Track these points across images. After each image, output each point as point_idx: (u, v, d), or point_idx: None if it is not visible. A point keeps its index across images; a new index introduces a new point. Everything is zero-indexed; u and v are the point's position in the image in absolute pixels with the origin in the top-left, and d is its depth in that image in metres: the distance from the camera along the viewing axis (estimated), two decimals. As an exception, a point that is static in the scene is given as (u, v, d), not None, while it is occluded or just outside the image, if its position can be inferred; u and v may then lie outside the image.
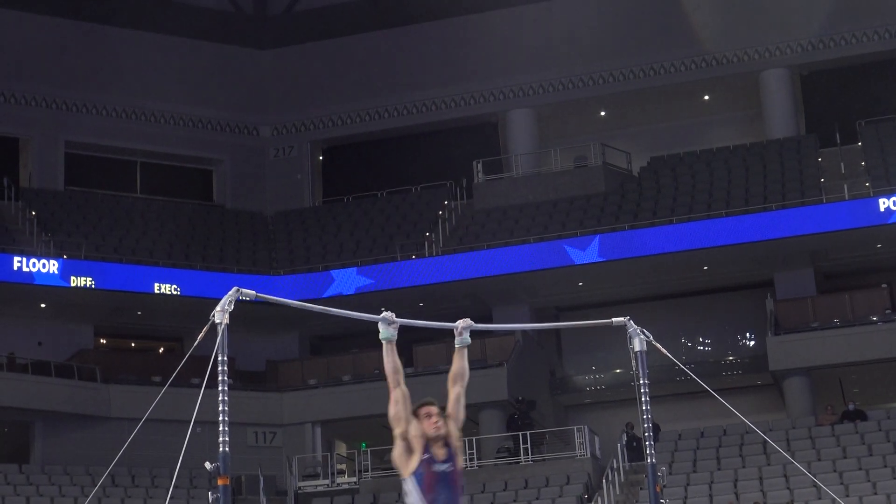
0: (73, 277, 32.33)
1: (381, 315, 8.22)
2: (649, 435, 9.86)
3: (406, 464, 7.81)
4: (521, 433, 30.20)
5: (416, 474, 7.74)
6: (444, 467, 7.78)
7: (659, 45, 37.32)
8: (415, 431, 7.81)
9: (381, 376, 32.25)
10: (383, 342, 8.12)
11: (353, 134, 39.94)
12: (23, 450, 31.70)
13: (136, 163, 39.50)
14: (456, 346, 8.45)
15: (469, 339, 8.56)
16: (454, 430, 8.01)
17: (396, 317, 8.35)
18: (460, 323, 8.55)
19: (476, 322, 9.05)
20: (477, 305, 33.06)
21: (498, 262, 32.80)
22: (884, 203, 30.75)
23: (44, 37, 37.57)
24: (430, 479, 7.72)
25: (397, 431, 7.88)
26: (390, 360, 8.04)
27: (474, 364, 32.12)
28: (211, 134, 39.66)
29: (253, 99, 40.04)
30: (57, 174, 37.64)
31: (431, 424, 7.82)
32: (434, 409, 7.88)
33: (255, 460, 31.23)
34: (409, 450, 7.83)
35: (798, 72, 37.34)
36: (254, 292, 8.52)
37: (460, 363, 8.32)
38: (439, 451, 7.80)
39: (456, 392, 8.19)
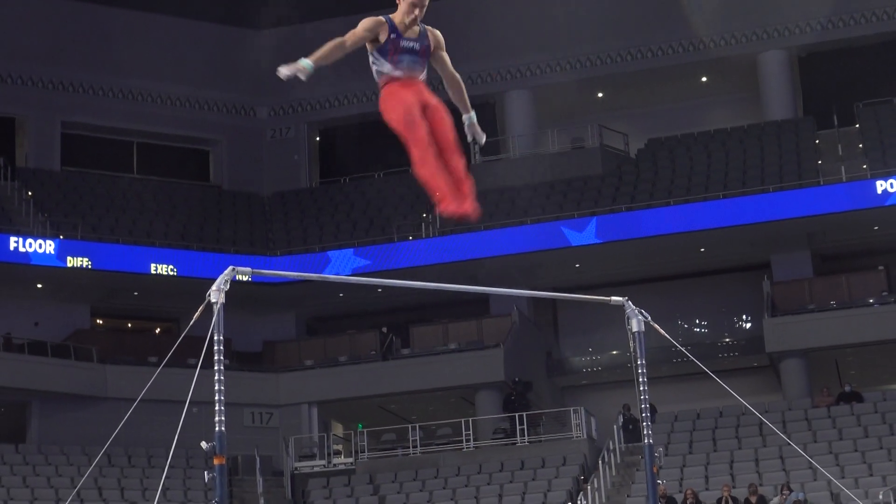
0: (69, 258, 32.31)
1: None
2: (646, 416, 9.86)
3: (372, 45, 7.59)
4: (517, 414, 30.23)
5: (381, 48, 7.59)
6: (412, 44, 7.60)
7: (657, 26, 37.24)
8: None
9: (378, 357, 32.36)
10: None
11: (351, 115, 39.86)
12: (19, 430, 31.71)
13: (132, 143, 39.42)
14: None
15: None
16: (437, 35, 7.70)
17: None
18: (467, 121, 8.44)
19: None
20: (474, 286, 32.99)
21: (495, 244, 32.80)
22: (881, 185, 30.76)
23: (41, 16, 37.45)
24: (395, 49, 7.55)
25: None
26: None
27: (470, 346, 32.19)
28: (208, 115, 39.57)
29: (250, 80, 39.90)
30: (53, 154, 37.56)
31: (408, 6, 7.51)
32: None
33: (251, 441, 31.25)
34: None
35: (796, 54, 37.28)
36: (250, 270, 8.51)
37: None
38: (411, 31, 7.58)
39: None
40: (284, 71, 7.30)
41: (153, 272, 33.22)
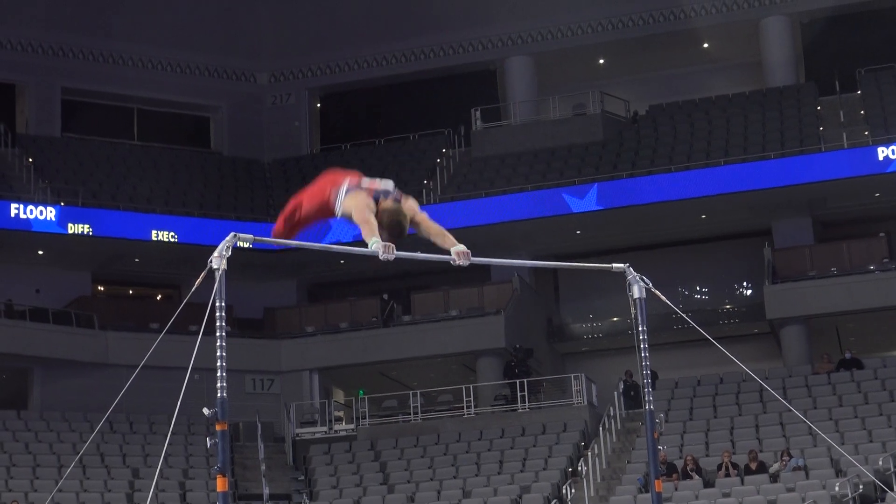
0: (70, 224, 32.30)
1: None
2: (648, 382, 9.86)
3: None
4: (518, 381, 30.27)
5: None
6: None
7: (658, -8, 37.12)
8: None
9: (379, 324, 32.36)
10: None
11: (351, 81, 39.79)
12: (21, 396, 31.79)
13: (133, 109, 39.36)
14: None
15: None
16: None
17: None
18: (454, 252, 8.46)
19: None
20: (474, 253, 32.92)
21: (496, 211, 32.75)
22: (882, 152, 30.70)
23: (40, -18, 37.35)
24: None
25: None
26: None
27: (471, 312, 32.20)
28: (208, 81, 39.49)
29: (250, 45, 39.83)
30: (54, 120, 37.51)
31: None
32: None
33: (252, 407, 31.30)
34: None
35: (798, 19, 37.16)
36: (252, 236, 8.49)
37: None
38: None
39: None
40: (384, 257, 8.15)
41: (154, 239, 33.22)
